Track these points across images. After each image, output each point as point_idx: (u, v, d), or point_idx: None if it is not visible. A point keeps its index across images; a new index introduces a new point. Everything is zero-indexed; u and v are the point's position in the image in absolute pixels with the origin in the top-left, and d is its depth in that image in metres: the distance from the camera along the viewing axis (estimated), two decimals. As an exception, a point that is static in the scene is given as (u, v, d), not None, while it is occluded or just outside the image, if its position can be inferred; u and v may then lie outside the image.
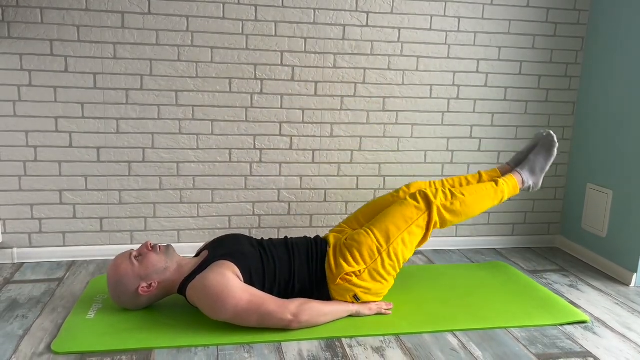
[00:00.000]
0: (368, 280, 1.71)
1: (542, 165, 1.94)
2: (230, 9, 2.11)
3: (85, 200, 2.16)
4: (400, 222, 1.74)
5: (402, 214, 1.76)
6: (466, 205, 1.81)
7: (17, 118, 2.05)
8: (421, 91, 2.33)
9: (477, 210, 1.84)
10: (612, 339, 1.69)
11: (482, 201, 1.84)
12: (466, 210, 1.81)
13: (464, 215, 1.82)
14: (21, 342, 1.55)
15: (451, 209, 1.79)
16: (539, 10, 2.36)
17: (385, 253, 1.71)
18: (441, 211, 1.78)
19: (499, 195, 1.87)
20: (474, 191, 1.83)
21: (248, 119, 2.21)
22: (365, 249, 1.70)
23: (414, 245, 1.77)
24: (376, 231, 1.73)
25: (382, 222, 1.75)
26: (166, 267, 1.67)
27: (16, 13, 1.97)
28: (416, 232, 1.76)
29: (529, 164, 1.95)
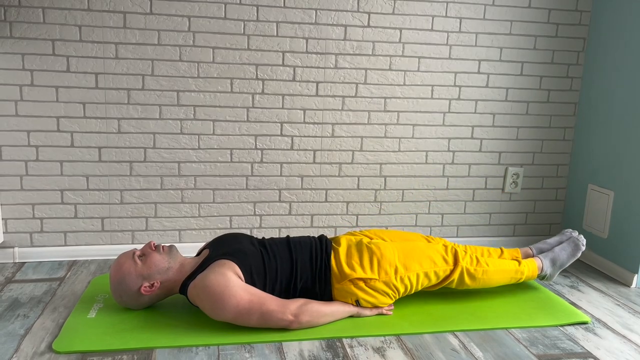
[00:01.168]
0: (376, 291, 1.71)
1: (563, 260, 1.95)
2: (231, 9, 2.11)
3: (87, 199, 2.16)
4: (424, 261, 1.76)
5: (430, 256, 1.78)
6: (487, 276, 1.83)
7: (19, 118, 2.05)
8: (422, 92, 2.33)
9: (494, 283, 1.86)
10: (613, 340, 1.69)
11: (503, 275, 1.86)
12: (486, 280, 1.84)
13: (481, 283, 1.84)
14: (22, 341, 1.55)
15: (473, 275, 1.81)
16: (540, 11, 2.36)
17: (399, 277, 1.73)
18: (463, 273, 1.80)
19: (519, 275, 1.89)
20: (498, 265, 1.86)
21: (249, 119, 2.21)
22: (386, 263, 1.72)
23: (420, 287, 1.79)
24: (402, 255, 1.75)
25: (409, 251, 1.77)
26: (169, 267, 1.67)
27: (18, 13, 1.98)
28: (432, 279, 1.78)
29: (552, 254, 1.96)
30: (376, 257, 1.72)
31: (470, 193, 2.47)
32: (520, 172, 2.49)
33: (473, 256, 1.83)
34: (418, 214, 2.44)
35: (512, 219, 2.54)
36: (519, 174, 2.49)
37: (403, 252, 1.76)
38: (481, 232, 2.52)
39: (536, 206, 2.55)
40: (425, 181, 2.41)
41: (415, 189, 2.41)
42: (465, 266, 1.79)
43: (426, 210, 2.45)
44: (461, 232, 2.50)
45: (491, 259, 1.87)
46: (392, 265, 1.72)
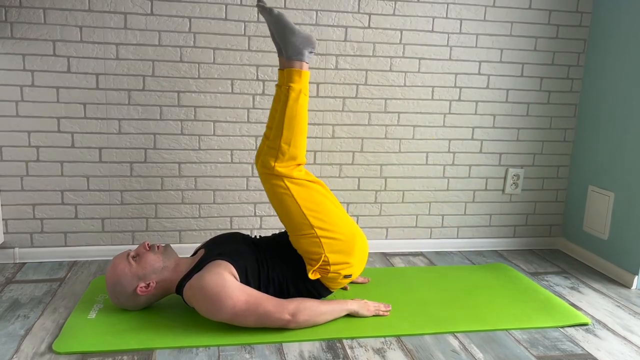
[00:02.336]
0: (336, 258, 1.69)
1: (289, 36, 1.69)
2: (232, 10, 2.12)
3: (87, 200, 2.16)
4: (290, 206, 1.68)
5: (281, 200, 1.68)
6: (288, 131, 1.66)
7: (20, 118, 2.05)
8: (423, 93, 2.33)
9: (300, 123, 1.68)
10: (613, 342, 1.69)
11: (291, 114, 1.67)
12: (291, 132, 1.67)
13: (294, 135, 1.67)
14: (22, 341, 1.55)
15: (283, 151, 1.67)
16: (541, 12, 2.36)
17: (318, 231, 1.68)
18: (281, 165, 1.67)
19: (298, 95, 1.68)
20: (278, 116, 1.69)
21: (250, 120, 2.21)
22: (308, 247, 1.68)
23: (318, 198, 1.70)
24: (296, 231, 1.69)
25: (288, 221, 1.70)
26: (164, 266, 1.67)
27: (19, 13, 1.98)
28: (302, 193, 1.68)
29: (285, 46, 1.70)
30: (305, 254, 1.70)
31: (470, 194, 2.47)
32: (521, 174, 2.49)
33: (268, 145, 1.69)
34: (418, 215, 2.44)
35: (512, 220, 2.54)
36: (520, 175, 2.49)
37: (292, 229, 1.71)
38: (481, 234, 2.52)
39: (536, 207, 2.55)
40: (425, 182, 2.41)
41: (416, 190, 2.41)
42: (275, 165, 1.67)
43: (426, 212, 2.45)
44: (461, 233, 2.50)
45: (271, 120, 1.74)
46: (307, 241, 1.68)
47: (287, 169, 1.69)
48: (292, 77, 1.69)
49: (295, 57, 1.70)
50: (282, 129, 1.68)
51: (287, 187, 1.68)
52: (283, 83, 1.72)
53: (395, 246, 2.44)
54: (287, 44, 1.70)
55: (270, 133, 1.72)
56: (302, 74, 1.70)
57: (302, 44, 1.70)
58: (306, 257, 1.71)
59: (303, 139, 1.70)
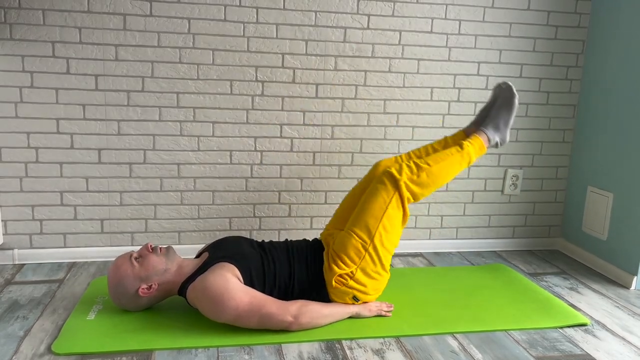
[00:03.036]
0: (362, 279, 1.70)
1: (505, 119, 1.86)
2: (231, 11, 2.12)
3: (86, 201, 2.16)
4: (375, 211, 1.71)
5: (375, 201, 1.72)
6: (433, 175, 1.75)
7: (19, 119, 2.05)
8: (422, 94, 2.33)
9: (446, 178, 1.78)
10: (613, 342, 1.69)
11: (449, 168, 1.78)
12: (434, 179, 1.76)
13: (433, 185, 1.76)
14: (22, 343, 1.55)
15: (418, 182, 1.74)
16: (539, 13, 2.36)
17: (371, 247, 1.70)
18: (409, 186, 1.73)
19: (466, 158, 1.81)
20: (440, 159, 1.78)
21: (249, 121, 2.22)
22: (351, 250, 1.69)
23: (398, 228, 1.74)
24: (356, 229, 1.71)
25: (359, 217, 1.72)
26: (166, 268, 1.67)
27: (18, 15, 1.98)
28: (394, 214, 1.72)
29: (491, 120, 1.87)
30: (342, 252, 1.70)
31: (469, 195, 2.47)
32: (520, 174, 2.49)
33: (411, 164, 1.76)
34: (417, 215, 2.44)
35: (511, 220, 2.54)
36: (519, 176, 2.49)
37: (356, 225, 1.72)
38: (480, 234, 2.52)
39: (535, 208, 2.55)
40: (424, 183, 2.41)
41: (415, 191, 2.41)
42: (405, 180, 1.72)
43: (425, 212, 2.45)
44: (460, 234, 2.50)
45: (433, 157, 1.79)
46: (357, 246, 1.69)
47: (407, 193, 1.73)
48: (474, 141, 1.83)
49: (490, 132, 1.86)
50: (436, 168, 1.76)
51: (391, 200, 1.71)
52: (460, 139, 1.88)
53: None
54: (497, 121, 1.86)
55: (421, 158, 1.81)
56: (481, 148, 1.84)
57: (504, 130, 1.87)
58: (336, 255, 1.70)
59: (436, 187, 1.78)
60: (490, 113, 1.90)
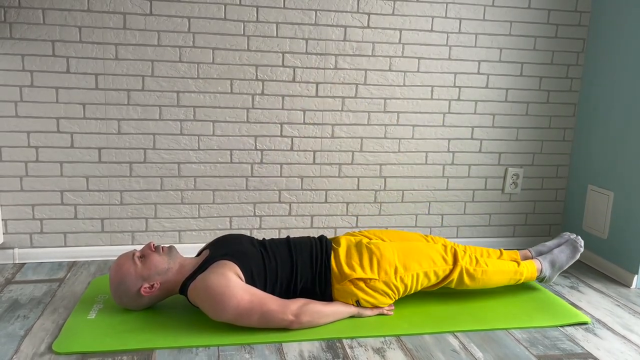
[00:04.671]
0: (375, 291, 1.71)
1: (562, 262, 1.95)
2: (231, 10, 2.12)
3: (87, 200, 2.16)
4: (424, 261, 1.76)
5: (429, 256, 1.77)
6: (487, 276, 1.83)
7: (19, 119, 2.05)
8: (422, 92, 2.33)
9: (494, 284, 1.86)
10: (613, 341, 1.69)
11: (502, 276, 1.86)
12: (485, 280, 1.83)
13: (481, 284, 1.84)
14: (22, 342, 1.55)
15: (472, 275, 1.81)
16: (540, 11, 2.36)
17: (399, 277, 1.72)
18: (463, 273, 1.79)
19: (518, 276, 1.88)
20: (497, 265, 1.85)
21: (249, 120, 2.21)
22: (386, 263, 1.71)
23: (420, 287, 1.78)
24: (401, 255, 1.75)
25: (408, 251, 1.77)
26: (168, 267, 1.67)
27: (18, 14, 1.98)
28: (431, 278, 1.77)
29: (551, 256, 1.96)
30: (376, 257, 1.72)
31: (470, 194, 2.47)
32: (520, 173, 2.49)
33: (472, 256, 1.83)
34: (418, 214, 2.44)
35: (512, 219, 2.54)
36: (519, 175, 2.49)
37: (402, 252, 1.76)
38: (481, 233, 2.52)
39: (536, 207, 2.55)
40: (425, 182, 2.41)
41: (415, 190, 2.41)
42: (464, 266, 1.79)
43: (426, 211, 2.45)
44: (461, 233, 2.50)
45: (490, 260, 1.86)
46: (391, 265, 1.72)
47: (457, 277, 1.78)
48: (530, 266, 1.91)
49: (545, 264, 1.93)
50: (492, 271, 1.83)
51: (439, 269, 1.77)
52: (516, 257, 1.97)
53: (395, 246, 2.44)
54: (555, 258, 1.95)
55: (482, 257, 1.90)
56: (532, 274, 1.91)
57: (555, 271, 1.95)
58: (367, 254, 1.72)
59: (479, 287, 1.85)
60: (553, 250, 1.98)
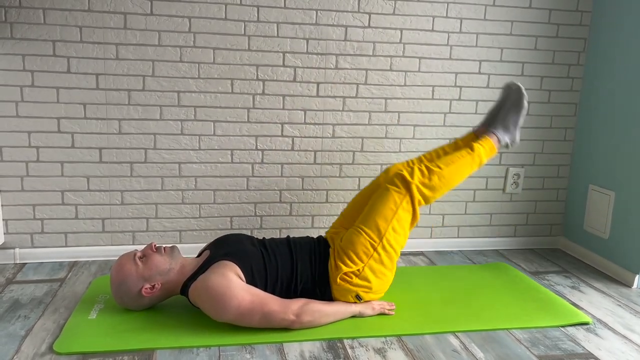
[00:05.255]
0: (368, 278, 1.70)
1: (515, 119, 1.88)
2: (232, 10, 2.11)
3: (87, 200, 2.16)
4: (386, 212, 1.73)
5: (386, 203, 1.74)
6: (445, 178, 1.78)
7: (20, 119, 2.05)
8: (423, 92, 2.33)
9: (457, 180, 1.81)
10: (614, 341, 1.69)
11: (460, 170, 1.80)
12: (446, 182, 1.78)
13: (444, 187, 1.78)
14: (23, 342, 1.55)
15: (430, 185, 1.76)
16: (541, 11, 2.36)
17: (380, 247, 1.71)
18: (421, 189, 1.75)
19: (476, 160, 1.83)
20: (451, 161, 1.80)
21: (250, 120, 2.21)
22: (360, 248, 1.70)
23: (406, 229, 1.76)
24: (366, 228, 1.72)
25: (369, 217, 1.74)
26: (170, 268, 1.67)
27: (19, 14, 1.98)
28: (404, 216, 1.74)
29: (501, 121, 1.89)
30: (349, 249, 1.70)
31: (471, 193, 2.47)
32: (521, 173, 2.49)
33: (422, 167, 1.78)
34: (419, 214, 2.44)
35: (513, 219, 2.54)
36: (520, 175, 2.49)
37: (365, 224, 1.73)
38: (482, 233, 2.52)
39: (537, 207, 2.55)
40: (426, 182, 2.41)
41: (416, 190, 2.41)
42: (417, 183, 1.74)
43: (427, 211, 2.44)
44: (462, 233, 2.50)
45: (444, 159, 1.81)
46: (365, 245, 1.70)
47: (418, 195, 1.75)
48: (484, 143, 1.85)
49: (500, 133, 1.87)
50: (445, 170, 1.78)
51: (402, 202, 1.73)
52: (471, 140, 1.89)
53: (396, 246, 2.44)
54: (506, 123, 1.87)
55: (432, 164, 1.79)
56: (491, 149, 1.85)
57: (514, 131, 1.88)
58: (343, 252, 1.71)
59: (448, 189, 1.80)
60: (499, 114, 1.91)
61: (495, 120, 1.92)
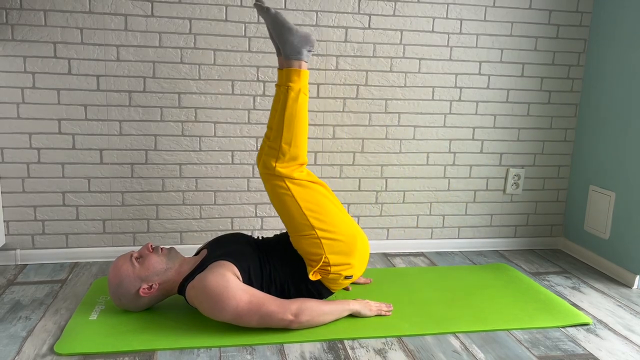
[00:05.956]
0: (337, 259, 1.69)
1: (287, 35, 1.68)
2: (232, 12, 2.12)
3: (88, 202, 2.16)
4: (292, 209, 1.68)
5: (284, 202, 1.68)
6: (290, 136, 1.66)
7: (21, 120, 2.05)
8: (423, 93, 2.33)
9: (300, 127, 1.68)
10: (615, 341, 1.69)
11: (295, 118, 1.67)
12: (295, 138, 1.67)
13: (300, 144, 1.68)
14: (24, 343, 1.55)
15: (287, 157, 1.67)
16: (541, 12, 2.36)
17: (319, 231, 1.68)
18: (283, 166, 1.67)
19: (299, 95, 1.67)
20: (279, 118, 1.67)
21: (250, 121, 2.22)
22: (310, 248, 1.68)
23: (318, 198, 1.69)
24: (298, 232, 1.69)
25: (291, 223, 1.70)
26: (167, 268, 1.67)
27: (20, 15, 1.98)
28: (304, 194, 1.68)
29: (284, 46, 1.69)
30: (305, 254, 1.70)
31: (471, 194, 2.47)
32: (522, 174, 2.49)
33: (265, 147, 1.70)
34: (419, 215, 2.44)
35: (513, 220, 2.54)
36: (520, 175, 2.49)
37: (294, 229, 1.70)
38: (482, 234, 2.52)
39: (537, 207, 2.55)
40: (426, 182, 2.41)
41: (417, 191, 2.41)
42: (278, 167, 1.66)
43: (427, 212, 2.44)
44: (462, 234, 2.50)
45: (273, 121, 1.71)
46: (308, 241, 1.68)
47: (288, 169, 1.68)
48: (290, 76, 1.68)
49: (293, 57, 1.69)
50: (282, 129, 1.67)
51: (288, 188, 1.67)
52: (282, 83, 1.71)
53: (396, 246, 2.44)
54: (285, 43, 1.68)
55: (270, 133, 1.72)
56: (301, 74, 1.68)
57: (300, 43, 1.68)
58: (307, 258, 1.71)
59: (304, 139, 1.70)
60: (277, 42, 1.74)
61: (280, 49, 1.73)
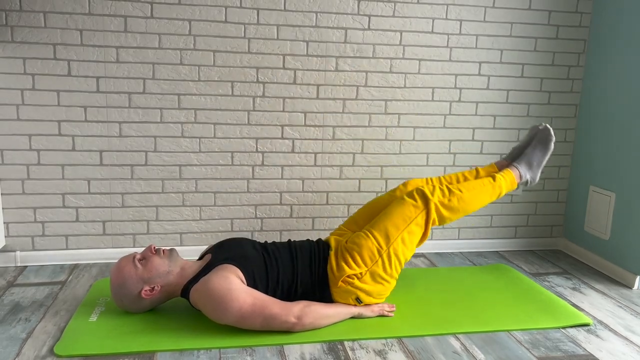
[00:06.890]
0: (369, 283, 1.71)
1: (539, 159, 1.92)
2: (232, 13, 2.12)
3: (88, 203, 2.16)
4: (399, 222, 1.74)
5: (401, 214, 1.75)
6: (464, 202, 1.80)
7: (21, 122, 2.05)
8: (423, 94, 2.33)
9: (475, 206, 1.83)
10: (615, 342, 1.69)
11: (480, 197, 1.83)
12: (464, 206, 1.81)
13: (461, 211, 1.81)
14: (24, 345, 1.55)
15: (449, 206, 1.79)
16: (540, 12, 2.36)
17: (385, 254, 1.71)
18: (439, 208, 1.78)
19: (497, 190, 1.86)
20: (472, 187, 1.83)
21: (250, 122, 2.22)
22: (366, 251, 1.71)
23: (414, 244, 1.77)
24: (375, 233, 1.73)
25: (381, 223, 1.75)
26: (169, 270, 1.67)
27: (19, 17, 1.98)
28: (415, 230, 1.76)
29: (525, 158, 1.93)
30: (355, 251, 1.71)
31: (471, 195, 2.47)
32: (522, 174, 2.48)
33: (444, 188, 1.80)
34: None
35: (513, 220, 2.54)
36: (520, 176, 2.48)
37: (376, 229, 1.74)
38: (482, 234, 2.52)
39: (537, 208, 2.55)
40: (426, 183, 2.41)
41: (417, 191, 2.41)
42: (436, 202, 1.77)
43: (427, 213, 2.44)
44: (462, 234, 2.50)
45: (465, 184, 1.84)
46: (372, 249, 1.71)
47: (434, 214, 1.77)
48: (507, 175, 1.89)
49: (522, 169, 1.91)
50: (467, 195, 1.81)
51: (417, 216, 1.75)
52: (492, 171, 1.95)
53: (396, 247, 2.44)
54: (530, 158, 1.92)
55: (454, 184, 1.83)
56: (512, 183, 1.89)
57: (535, 170, 1.93)
58: (348, 252, 1.71)
59: (464, 214, 1.83)
60: (525, 151, 1.95)
61: (520, 156, 1.97)
